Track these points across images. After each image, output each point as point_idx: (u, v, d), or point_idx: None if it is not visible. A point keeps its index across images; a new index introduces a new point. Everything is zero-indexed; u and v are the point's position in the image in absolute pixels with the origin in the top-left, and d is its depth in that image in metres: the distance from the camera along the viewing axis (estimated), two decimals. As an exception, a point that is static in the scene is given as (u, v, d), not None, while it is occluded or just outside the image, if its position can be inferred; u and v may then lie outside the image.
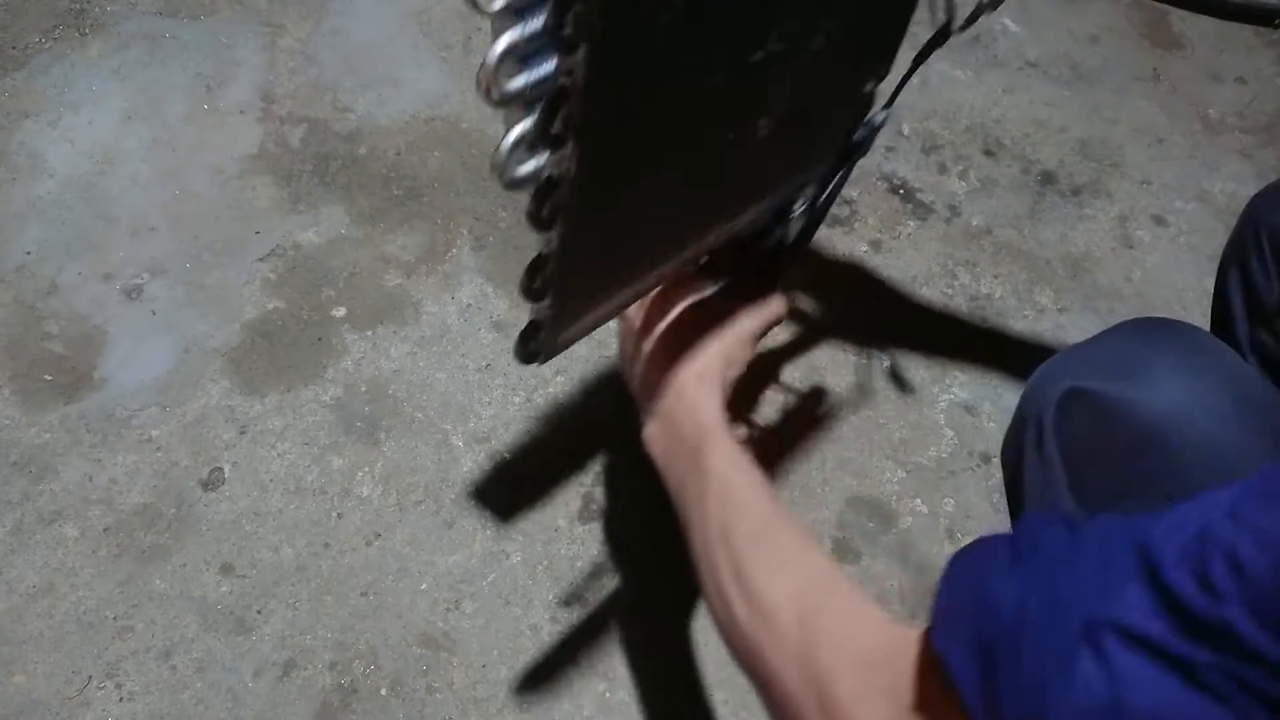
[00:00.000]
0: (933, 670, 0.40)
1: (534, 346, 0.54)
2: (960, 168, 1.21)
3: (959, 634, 0.38)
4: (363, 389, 0.97)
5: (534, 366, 0.62)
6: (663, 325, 0.65)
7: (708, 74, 0.44)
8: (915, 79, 0.77)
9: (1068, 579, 0.36)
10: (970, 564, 0.41)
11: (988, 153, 1.23)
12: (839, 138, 0.63)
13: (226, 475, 0.91)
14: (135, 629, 0.83)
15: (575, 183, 0.42)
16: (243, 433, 0.93)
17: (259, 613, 0.85)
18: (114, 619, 0.84)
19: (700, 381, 0.62)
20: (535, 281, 0.48)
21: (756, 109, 0.51)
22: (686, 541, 0.59)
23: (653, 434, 0.63)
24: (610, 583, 0.89)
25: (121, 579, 0.85)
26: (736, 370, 0.66)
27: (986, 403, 1.03)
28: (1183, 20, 1.38)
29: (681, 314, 0.66)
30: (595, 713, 0.84)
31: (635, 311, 0.68)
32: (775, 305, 0.69)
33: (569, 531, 0.91)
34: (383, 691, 0.83)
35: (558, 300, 0.50)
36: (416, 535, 0.90)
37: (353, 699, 0.82)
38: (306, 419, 0.95)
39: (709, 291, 0.68)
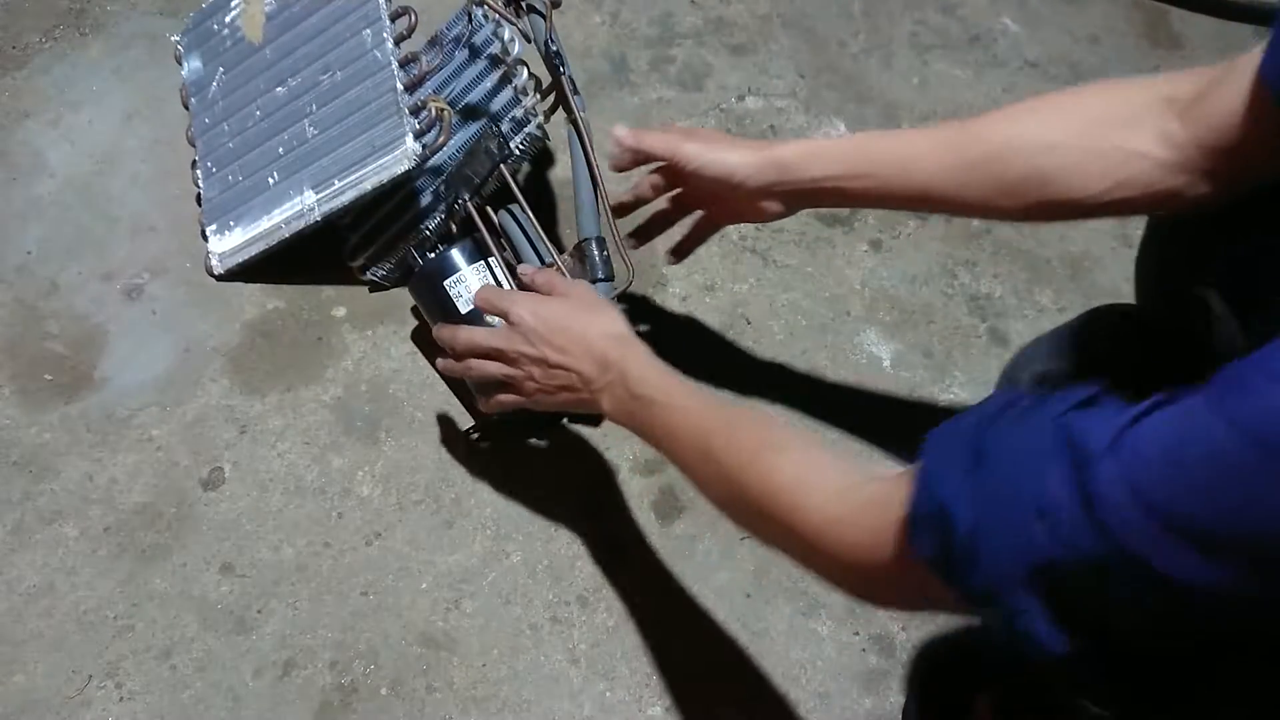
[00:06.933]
0: (903, 537, 0.49)
1: None
2: (960, 167, 1.21)
3: (928, 539, 0.47)
4: (363, 389, 0.97)
5: None
6: (535, 335, 0.73)
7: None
8: (914, 79, 0.77)
9: (1010, 483, 0.44)
10: (934, 469, 0.48)
11: (988, 152, 1.23)
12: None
13: (226, 475, 0.91)
14: (135, 628, 0.83)
15: None
16: (243, 432, 0.93)
17: (259, 612, 0.85)
18: (114, 618, 0.84)
19: (618, 343, 0.70)
20: None
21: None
22: (681, 471, 0.67)
23: (610, 409, 0.71)
24: (610, 582, 0.89)
25: (121, 578, 0.85)
26: (622, 318, 0.73)
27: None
28: (1183, 20, 1.38)
29: (541, 317, 0.73)
30: (595, 712, 0.84)
31: (505, 343, 0.75)
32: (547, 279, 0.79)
33: (569, 531, 0.92)
34: (383, 691, 0.83)
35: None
36: (416, 535, 0.90)
37: (353, 698, 0.82)
38: (307, 418, 0.95)
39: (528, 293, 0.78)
